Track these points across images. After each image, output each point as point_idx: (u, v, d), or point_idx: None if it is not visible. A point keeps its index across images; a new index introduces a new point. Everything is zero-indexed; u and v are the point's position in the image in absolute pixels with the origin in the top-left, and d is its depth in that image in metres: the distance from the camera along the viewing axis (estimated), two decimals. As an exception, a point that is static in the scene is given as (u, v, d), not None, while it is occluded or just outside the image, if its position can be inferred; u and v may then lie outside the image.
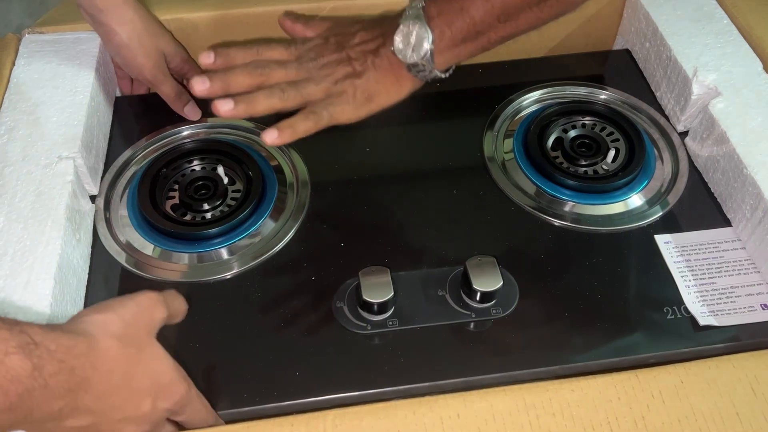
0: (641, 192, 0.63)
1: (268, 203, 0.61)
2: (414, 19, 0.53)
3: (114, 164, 0.65)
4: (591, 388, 0.43)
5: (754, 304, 0.55)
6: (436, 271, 0.57)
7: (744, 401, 0.43)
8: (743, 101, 0.61)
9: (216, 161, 0.64)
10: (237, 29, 0.71)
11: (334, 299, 0.55)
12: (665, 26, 0.68)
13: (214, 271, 0.57)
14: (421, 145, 0.68)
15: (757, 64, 0.64)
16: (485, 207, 0.62)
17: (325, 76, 0.56)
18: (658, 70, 0.70)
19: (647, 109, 0.70)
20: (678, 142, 0.66)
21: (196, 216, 0.61)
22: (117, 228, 0.60)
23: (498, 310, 0.54)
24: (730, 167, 0.59)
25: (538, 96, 0.71)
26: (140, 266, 0.58)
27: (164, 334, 0.53)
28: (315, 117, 0.55)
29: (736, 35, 0.67)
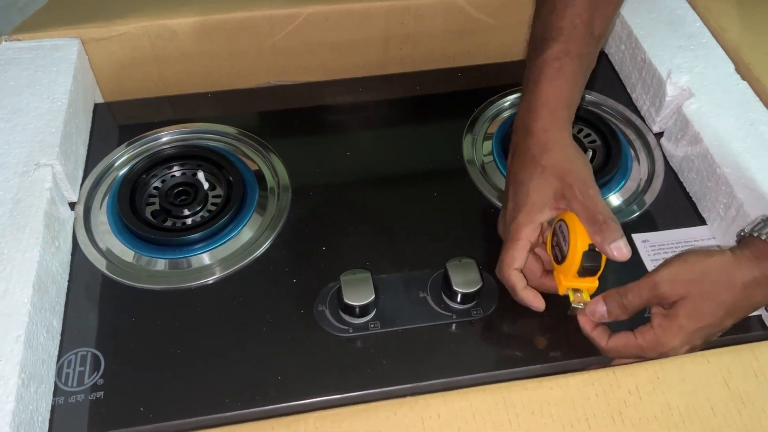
0: (618, 192, 0.64)
1: (248, 208, 0.62)
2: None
3: (93, 171, 0.64)
4: (569, 386, 0.44)
5: (729, 301, 0.56)
6: (417, 273, 0.57)
7: (718, 396, 0.44)
8: (716, 102, 0.62)
9: (196, 166, 0.64)
10: (216, 35, 0.71)
11: (316, 303, 0.55)
12: (639, 29, 0.70)
13: (196, 277, 0.57)
14: (402, 149, 0.68)
15: (728, 66, 0.66)
16: (465, 209, 0.62)
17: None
18: (633, 72, 0.71)
19: (623, 111, 0.71)
20: (654, 143, 0.67)
21: (177, 222, 0.61)
22: (97, 235, 0.60)
23: (478, 311, 0.55)
24: (704, 167, 0.60)
25: (515, 99, 0.72)
26: (121, 273, 0.57)
27: (144, 340, 0.53)
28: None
29: (709, 37, 0.68)
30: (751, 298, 0.47)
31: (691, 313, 0.47)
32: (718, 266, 0.47)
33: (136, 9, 0.70)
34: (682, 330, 0.47)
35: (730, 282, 0.46)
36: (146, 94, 0.73)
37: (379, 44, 0.75)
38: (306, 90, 0.74)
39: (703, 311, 0.47)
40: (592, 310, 0.50)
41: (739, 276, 0.46)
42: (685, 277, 0.48)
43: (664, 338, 0.47)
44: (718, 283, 0.47)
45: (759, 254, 0.47)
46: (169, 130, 0.68)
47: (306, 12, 0.71)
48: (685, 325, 0.47)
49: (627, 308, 0.49)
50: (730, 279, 0.47)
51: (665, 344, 0.47)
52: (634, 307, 0.49)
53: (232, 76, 0.74)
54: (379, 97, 0.73)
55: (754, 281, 0.46)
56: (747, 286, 0.46)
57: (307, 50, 0.74)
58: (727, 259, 0.48)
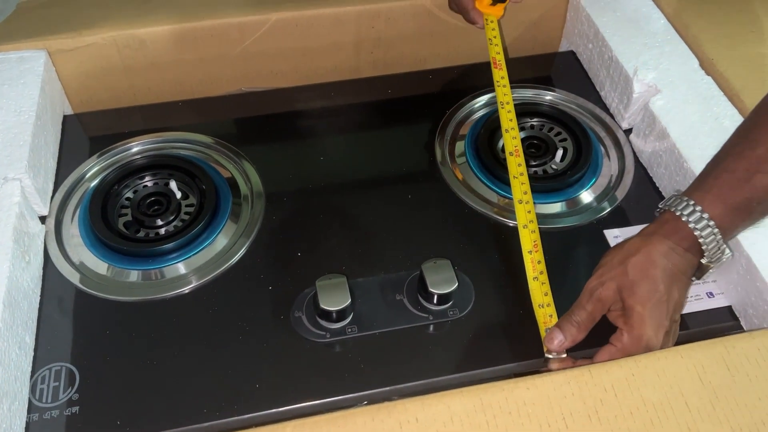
0: (590, 189, 0.65)
1: (222, 216, 0.61)
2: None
3: (64, 183, 0.64)
4: (546, 386, 0.44)
5: (701, 293, 0.57)
6: (393, 276, 0.57)
7: (692, 390, 0.45)
8: (682, 98, 0.64)
9: (168, 176, 0.64)
10: (186, 43, 0.71)
11: (293, 309, 0.55)
12: (606, 28, 0.70)
13: (171, 287, 0.57)
14: (375, 152, 0.68)
15: (693, 62, 0.67)
16: (440, 210, 0.63)
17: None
18: (601, 70, 0.72)
19: (593, 108, 0.72)
20: (623, 139, 0.68)
21: (150, 232, 0.60)
22: (69, 248, 0.59)
23: (455, 311, 0.55)
24: (672, 162, 0.61)
25: (487, 99, 0.72)
26: (95, 286, 0.57)
27: (119, 353, 0.52)
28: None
29: (673, 34, 0.70)
30: (674, 266, 0.50)
31: (637, 299, 0.49)
32: (632, 250, 0.50)
33: (103, 19, 0.69)
34: (643, 317, 0.48)
35: (649, 258, 0.49)
36: (116, 105, 0.72)
37: (351, 48, 0.75)
38: (278, 96, 0.74)
39: (645, 292, 0.49)
40: (551, 341, 0.51)
41: (653, 250, 0.50)
42: (610, 273, 0.50)
43: (635, 332, 0.48)
44: (639, 263, 0.50)
45: (667, 228, 0.50)
46: (140, 140, 0.68)
47: (274, 18, 0.70)
48: (642, 312, 0.48)
49: (580, 325, 0.51)
50: (648, 256, 0.50)
51: (641, 336, 0.48)
52: (584, 321, 0.51)
53: (203, 83, 0.74)
54: (352, 101, 0.73)
55: (668, 250, 0.50)
56: (664, 255, 0.49)
57: (278, 56, 0.74)
58: (637, 241, 0.51)
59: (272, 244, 0.60)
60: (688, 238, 0.50)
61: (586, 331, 0.51)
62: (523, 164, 0.60)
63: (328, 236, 0.60)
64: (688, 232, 0.49)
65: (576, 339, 0.50)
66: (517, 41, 0.80)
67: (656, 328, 0.48)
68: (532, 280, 0.54)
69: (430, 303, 0.55)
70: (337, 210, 0.63)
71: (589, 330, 0.51)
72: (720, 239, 0.49)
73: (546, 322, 0.52)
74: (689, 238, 0.49)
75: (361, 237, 0.61)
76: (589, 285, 0.51)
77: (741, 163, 0.49)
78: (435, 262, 0.55)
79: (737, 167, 0.49)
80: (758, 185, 0.48)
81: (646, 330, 0.48)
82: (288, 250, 0.59)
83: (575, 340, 0.51)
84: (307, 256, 0.59)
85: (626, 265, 0.50)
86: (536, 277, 0.54)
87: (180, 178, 0.63)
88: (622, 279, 0.50)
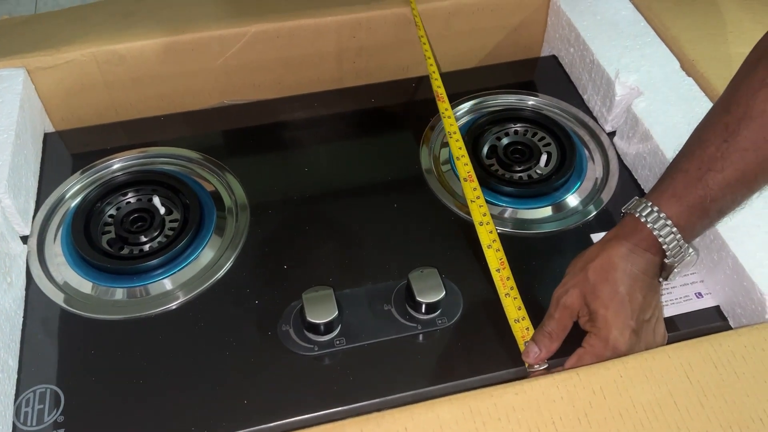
0: (576, 193, 0.65)
1: (207, 230, 0.61)
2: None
3: (46, 202, 0.63)
4: (534, 390, 0.44)
5: (689, 294, 0.57)
6: (380, 286, 0.57)
7: (680, 389, 0.44)
8: (664, 99, 0.64)
9: (151, 192, 0.63)
10: (166, 58, 0.70)
11: (280, 323, 0.55)
12: (586, 31, 0.71)
13: (156, 304, 0.56)
14: (359, 162, 0.68)
15: (674, 63, 0.67)
16: (426, 219, 0.62)
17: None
18: (583, 74, 0.72)
19: (576, 112, 0.72)
20: (607, 142, 0.68)
21: (134, 249, 0.60)
22: (52, 268, 0.59)
23: (443, 320, 0.55)
24: (656, 163, 0.61)
25: (470, 106, 0.72)
26: (79, 305, 0.56)
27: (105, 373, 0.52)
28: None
29: (653, 36, 0.70)
30: (635, 267, 0.50)
31: (600, 302, 0.49)
32: (593, 255, 0.51)
33: (83, 35, 0.69)
34: (606, 318, 0.49)
35: (608, 261, 0.50)
36: (98, 121, 0.72)
37: (333, 58, 0.75)
38: (260, 108, 0.74)
39: (606, 294, 0.49)
40: (527, 355, 0.51)
41: (612, 254, 0.50)
42: (573, 280, 0.51)
43: (601, 334, 0.49)
44: (599, 267, 0.50)
45: (626, 230, 0.51)
46: (123, 156, 0.67)
47: (254, 29, 0.70)
48: (605, 314, 0.49)
49: (552, 335, 0.51)
50: (607, 259, 0.50)
51: (607, 337, 0.49)
52: (556, 330, 0.51)
53: (185, 97, 0.73)
54: (335, 110, 0.73)
55: (627, 252, 0.50)
56: (623, 257, 0.50)
57: (259, 68, 0.73)
58: (597, 246, 0.52)
59: (258, 257, 0.59)
60: (647, 239, 0.50)
61: (559, 340, 0.51)
62: (478, 188, 0.61)
63: (314, 247, 0.60)
64: (648, 233, 0.50)
65: (551, 349, 0.51)
66: (499, 47, 0.80)
67: (621, 328, 0.49)
68: (504, 296, 0.55)
69: (418, 312, 0.55)
70: (323, 221, 0.62)
71: (563, 338, 0.51)
72: (680, 237, 0.50)
73: (524, 336, 0.53)
74: (648, 239, 0.50)
75: (347, 247, 0.60)
76: (556, 294, 0.52)
77: (693, 163, 0.50)
78: (422, 271, 0.54)
79: (690, 167, 0.50)
80: (710, 183, 0.49)
81: (612, 331, 0.49)
82: (274, 262, 0.59)
83: (550, 350, 0.51)
84: (294, 268, 0.58)
85: (587, 271, 0.51)
86: (507, 294, 0.55)
87: (163, 194, 0.63)
88: (584, 285, 0.51)
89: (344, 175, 0.67)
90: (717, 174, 0.49)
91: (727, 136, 0.49)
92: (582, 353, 0.50)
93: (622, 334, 0.49)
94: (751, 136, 0.48)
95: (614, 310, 0.49)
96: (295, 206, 0.63)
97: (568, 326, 0.52)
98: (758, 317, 0.52)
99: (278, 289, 0.57)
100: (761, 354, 0.46)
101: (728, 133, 0.49)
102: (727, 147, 0.48)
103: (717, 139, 0.49)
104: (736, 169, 0.48)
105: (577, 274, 0.52)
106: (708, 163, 0.49)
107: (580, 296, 0.51)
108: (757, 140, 0.48)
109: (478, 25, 0.77)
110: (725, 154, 0.48)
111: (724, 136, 0.49)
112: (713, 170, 0.49)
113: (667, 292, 0.57)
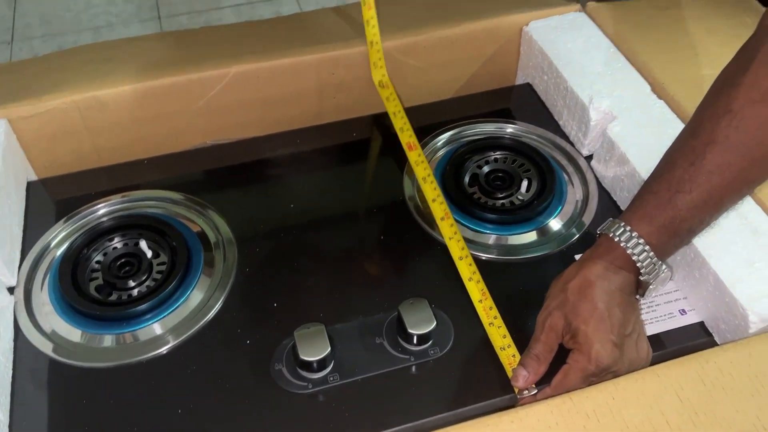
0: (558, 217, 0.66)
1: (195, 272, 0.61)
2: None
3: (31, 251, 0.63)
4: (529, 417, 0.45)
5: (673, 311, 0.58)
6: (371, 319, 0.57)
7: (672, 408, 0.45)
8: (637, 122, 0.66)
9: (137, 236, 0.63)
10: (147, 102, 0.71)
11: (272, 362, 0.55)
12: (558, 59, 0.73)
13: (147, 350, 0.56)
14: (344, 195, 0.69)
15: (645, 87, 0.69)
16: (412, 248, 0.63)
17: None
18: (558, 101, 0.74)
19: (553, 138, 0.73)
20: (585, 166, 0.70)
21: (123, 294, 0.60)
22: (40, 317, 0.58)
23: (435, 350, 0.55)
24: (633, 185, 0.63)
25: (450, 136, 0.74)
26: (68, 354, 0.56)
27: (97, 422, 0.51)
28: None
29: (624, 62, 0.72)
30: (611, 284, 0.52)
31: (580, 319, 0.51)
32: (570, 276, 0.53)
33: (64, 83, 0.69)
34: (587, 333, 0.50)
35: (585, 280, 0.52)
36: (81, 167, 0.72)
37: (313, 95, 0.76)
38: (243, 146, 0.74)
39: (586, 311, 0.51)
40: (516, 379, 0.52)
41: (588, 272, 0.52)
42: (554, 302, 0.53)
43: (584, 348, 0.50)
44: (577, 286, 0.52)
45: (600, 250, 0.53)
46: (107, 201, 0.67)
47: (233, 71, 0.71)
48: (585, 329, 0.50)
49: (539, 358, 0.52)
50: (584, 278, 0.52)
51: (589, 351, 0.50)
52: (543, 352, 0.52)
53: (167, 139, 0.74)
54: (318, 145, 0.74)
55: (602, 270, 0.52)
56: (598, 275, 0.52)
57: (240, 107, 0.74)
58: (574, 267, 0.54)
59: (247, 296, 0.60)
60: (621, 257, 0.52)
61: (547, 362, 0.52)
62: (455, 225, 0.62)
63: (304, 283, 0.60)
64: (621, 251, 0.52)
65: (539, 371, 0.52)
66: (475, 77, 0.82)
67: (602, 342, 0.50)
68: (489, 326, 0.56)
69: (410, 344, 0.55)
70: (311, 255, 0.63)
71: (550, 360, 0.52)
72: (652, 255, 0.52)
73: (511, 363, 0.53)
74: (622, 257, 0.52)
75: (336, 281, 0.61)
76: (540, 318, 0.54)
77: (663, 185, 0.52)
78: (412, 303, 0.55)
79: (660, 189, 0.52)
80: (679, 204, 0.51)
81: (593, 345, 0.50)
82: (264, 300, 0.59)
83: (539, 373, 0.52)
84: (284, 305, 0.59)
85: (566, 291, 0.53)
86: (491, 323, 0.56)
87: (150, 237, 0.63)
88: (564, 305, 0.52)
89: (330, 209, 0.67)
90: (685, 195, 0.51)
91: (694, 159, 0.51)
92: (567, 369, 0.51)
93: (604, 347, 0.50)
94: (716, 159, 0.50)
95: (594, 325, 0.50)
96: (282, 242, 0.64)
97: (554, 348, 0.53)
98: (742, 332, 0.53)
99: (269, 328, 0.57)
100: (747, 369, 0.47)
101: (695, 157, 0.51)
102: (694, 170, 0.51)
103: (685, 162, 0.51)
104: (702, 191, 0.51)
105: (558, 296, 0.53)
106: (676, 185, 0.51)
107: (563, 316, 0.52)
108: (722, 163, 0.50)
109: (454, 57, 0.79)
110: (692, 176, 0.51)
111: (691, 159, 0.51)
112: (681, 192, 0.51)
113: (651, 310, 0.58)
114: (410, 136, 0.70)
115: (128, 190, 0.68)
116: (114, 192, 0.68)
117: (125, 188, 0.68)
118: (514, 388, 0.52)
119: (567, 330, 0.52)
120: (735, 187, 0.52)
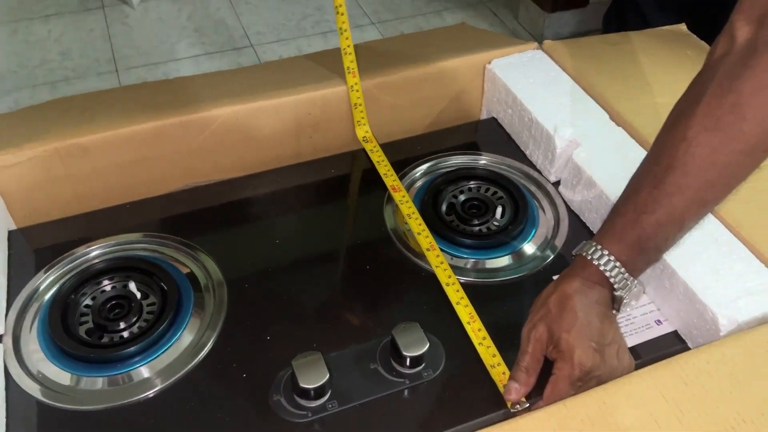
0: (532, 241, 0.69)
1: (185, 312, 0.62)
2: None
3: (18, 298, 0.62)
4: (528, 427, 0.47)
5: (649, 322, 0.62)
6: (364, 345, 0.59)
7: (659, 409, 0.48)
8: (600, 148, 0.70)
9: (126, 278, 0.64)
10: (128, 147, 0.72)
11: (270, 394, 0.55)
12: (522, 93, 0.78)
13: (140, 390, 0.56)
14: (328, 229, 0.71)
15: (604, 116, 0.74)
16: (398, 275, 0.65)
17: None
18: (523, 132, 0.78)
19: (521, 167, 0.78)
20: (553, 191, 0.74)
21: (114, 336, 0.60)
22: (30, 363, 0.58)
23: (429, 372, 0.57)
24: (601, 206, 0.67)
25: (427, 168, 0.77)
26: (59, 399, 0.55)
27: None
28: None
29: (582, 93, 0.77)
30: (588, 297, 0.56)
31: (563, 329, 0.54)
32: (550, 291, 0.58)
33: (43, 131, 0.70)
34: (569, 341, 0.54)
35: (564, 294, 0.56)
36: (62, 215, 0.72)
37: (291, 135, 0.79)
38: (224, 187, 0.76)
39: (567, 321, 0.55)
40: (509, 393, 0.55)
41: (566, 287, 0.57)
42: (537, 315, 0.57)
43: (567, 355, 0.53)
44: (557, 299, 0.56)
45: (576, 268, 0.58)
46: (94, 245, 0.67)
47: (215, 114, 0.73)
48: (567, 337, 0.54)
49: (528, 370, 0.55)
50: (563, 292, 0.57)
51: (572, 357, 0.53)
52: (531, 364, 0.55)
53: (149, 184, 0.75)
54: (298, 183, 0.76)
55: (579, 285, 0.57)
56: (576, 290, 0.56)
57: (220, 149, 0.76)
58: (553, 284, 0.59)
59: (240, 332, 0.60)
60: (596, 274, 0.57)
61: (536, 374, 0.55)
62: (441, 255, 0.66)
63: (295, 316, 0.62)
64: (595, 269, 0.57)
65: (529, 383, 0.55)
66: (442, 114, 0.86)
67: (584, 347, 0.54)
68: (479, 345, 0.59)
69: (404, 367, 0.57)
70: (300, 289, 0.64)
71: (538, 371, 0.55)
72: (623, 271, 0.57)
73: (501, 380, 0.56)
74: (597, 274, 0.57)
75: (327, 312, 0.62)
76: (524, 331, 0.57)
77: (629, 207, 0.57)
78: (404, 327, 0.57)
79: (627, 211, 0.57)
80: (645, 224, 0.56)
81: (575, 351, 0.53)
82: (256, 335, 0.60)
83: (529, 384, 0.55)
84: (276, 338, 0.60)
85: (548, 305, 0.57)
86: (481, 343, 0.59)
87: (139, 279, 0.63)
88: (547, 316, 0.56)
89: (315, 243, 0.69)
90: (650, 216, 0.55)
91: (656, 183, 0.55)
92: (554, 379, 0.54)
93: (585, 352, 0.53)
94: (675, 181, 0.55)
95: (575, 332, 0.54)
96: (270, 277, 0.65)
97: (541, 359, 0.56)
98: (713, 335, 0.56)
99: (264, 361, 0.58)
100: (723, 368, 0.51)
101: (657, 181, 0.55)
102: (656, 192, 0.55)
103: (648, 186, 0.56)
104: (665, 211, 0.55)
105: (540, 310, 0.57)
106: (641, 206, 0.56)
107: (546, 327, 0.56)
108: (681, 185, 0.55)
109: (422, 95, 0.83)
110: (655, 198, 0.55)
111: (653, 183, 0.56)
112: (646, 213, 0.56)
113: (630, 322, 0.61)
114: (394, 180, 0.73)
115: (111, 235, 0.69)
116: (98, 237, 0.68)
117: (108, 234, 0.69)
118: (507, 402, 0.54)
119: (551, 341, 0.55)
120: (694, 207, 0.57)
